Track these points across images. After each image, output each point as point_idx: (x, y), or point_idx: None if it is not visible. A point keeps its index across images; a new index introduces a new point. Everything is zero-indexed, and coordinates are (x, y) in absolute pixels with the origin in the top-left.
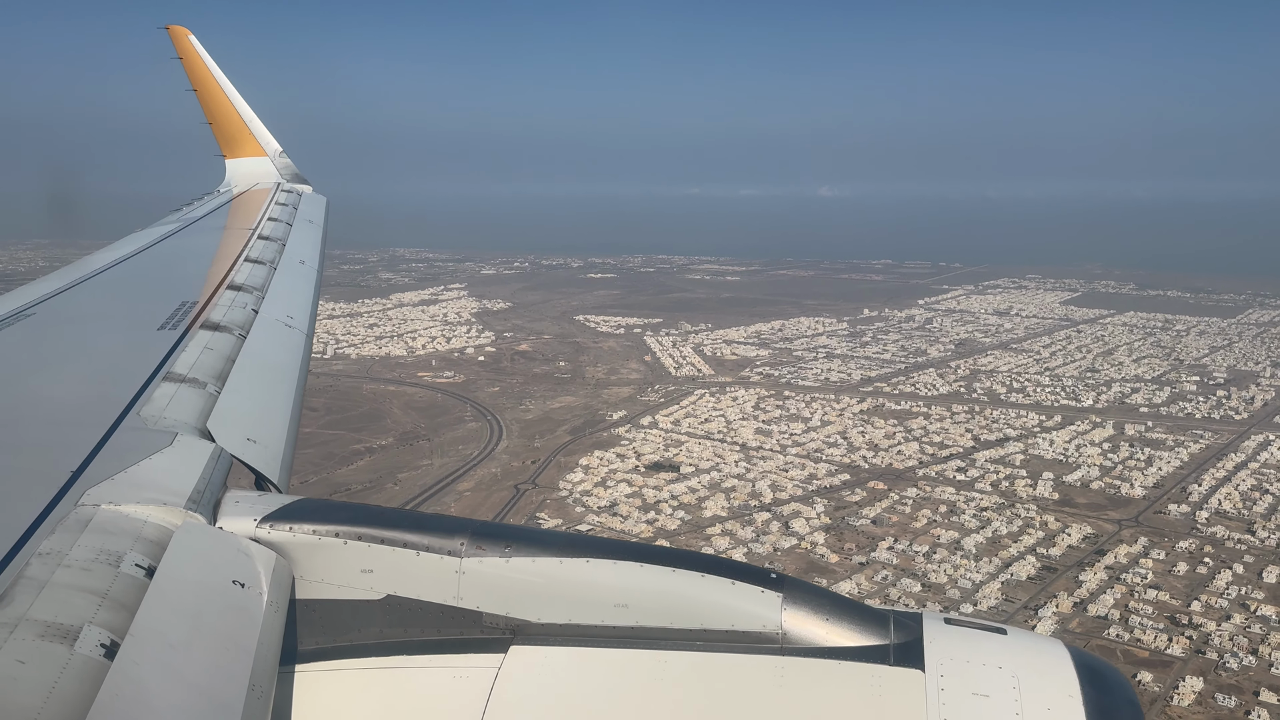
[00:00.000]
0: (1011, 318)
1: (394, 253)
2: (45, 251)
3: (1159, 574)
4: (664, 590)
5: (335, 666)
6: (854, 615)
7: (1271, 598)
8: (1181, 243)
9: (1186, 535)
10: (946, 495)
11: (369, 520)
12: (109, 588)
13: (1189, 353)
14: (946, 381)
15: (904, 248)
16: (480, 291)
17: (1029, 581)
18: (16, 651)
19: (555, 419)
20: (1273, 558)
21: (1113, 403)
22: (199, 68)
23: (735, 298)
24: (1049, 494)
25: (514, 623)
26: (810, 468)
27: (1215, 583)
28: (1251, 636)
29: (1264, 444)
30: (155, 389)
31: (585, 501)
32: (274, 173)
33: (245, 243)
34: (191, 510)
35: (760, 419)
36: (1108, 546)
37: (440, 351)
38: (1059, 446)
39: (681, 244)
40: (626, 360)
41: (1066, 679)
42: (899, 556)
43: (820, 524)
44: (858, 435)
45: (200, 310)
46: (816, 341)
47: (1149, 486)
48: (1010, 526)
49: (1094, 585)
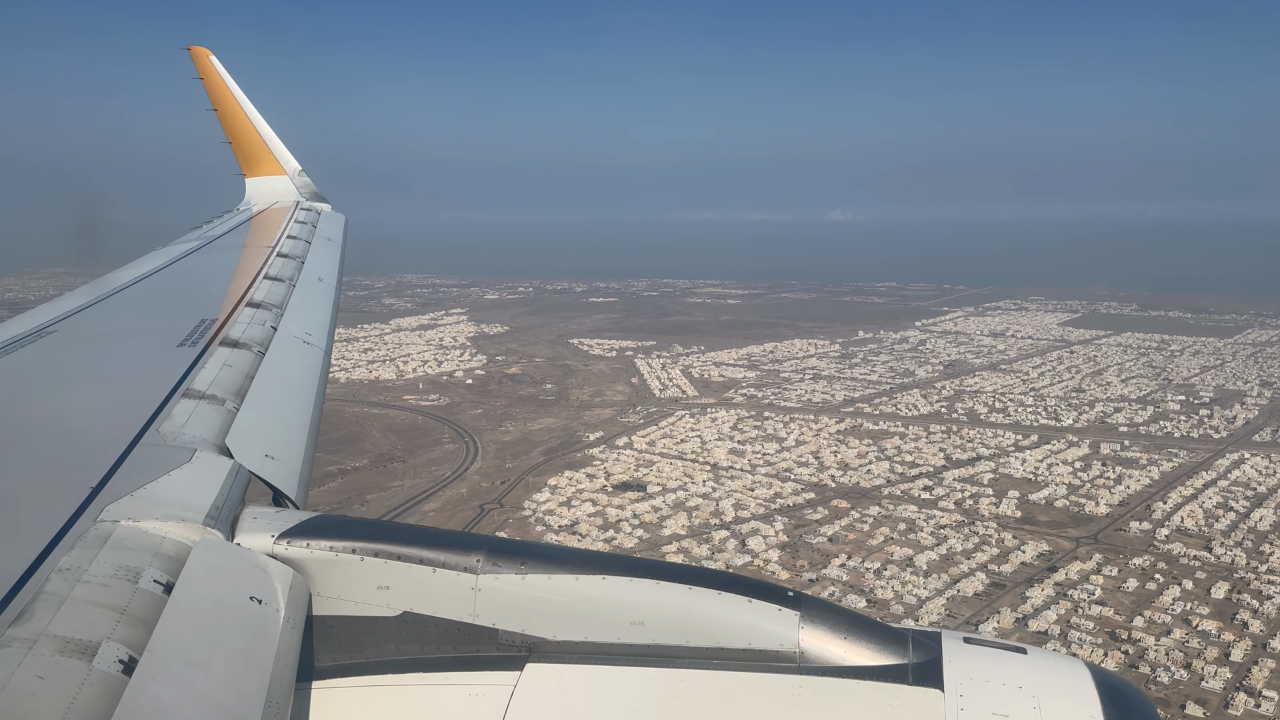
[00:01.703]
0: (1006, 339)
1: (400, 279)
2: (57, 280)
3: (1108, 590)
4: (680, 608)
5: (351, 684)
6: (872, 634)
7: (1216, 613)
8: (1191, 263)
9: (1143, 552)
10: (908, 513)
11: (386, 536)
12: (128, 603)
13: (1179, 373)
14: (929, 402)
15: (909, 270)
16: (480, 316)
17: (975, 597)
18: (35, 667)
19: (533, 440)
20: (1224, 574)
21: (1093, 422)
22: (219, 87)
23: (733, 320)
24: (1011, 512)
25: (530, 640)
26: (777, 487)
27: (1162, 599)
28: (1188, 651)
29: (1237, 462)
30: (175, 405)
31: (547, 520)
32: (293, 191)
33: (264, 260)
34: (210, 526)
35: (736, 439)
36: (1061, 563)
37: (430, 375)
38: (1030, 465)
39: (688, 268)
40: (614, 383)
41: (1088, 699)
42: (849, 573)
43: (777, 542)
44: (830, 455)
45: (220, 327)
46: (806, 363)
47: (1114, 504)
48: (966, 544)
49: (1039, 601)
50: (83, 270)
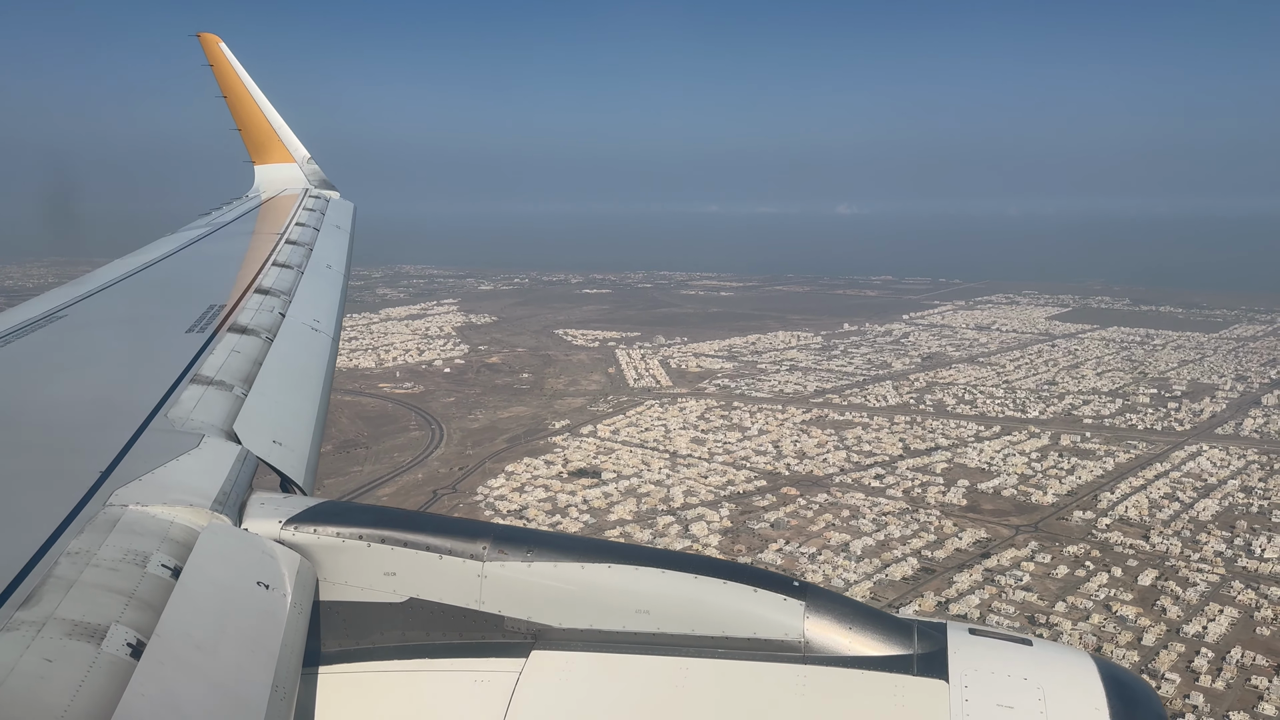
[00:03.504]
0: (990, 332)
1: (398, 269)
2: (57, 269)
3: (1037, 577)
4: (686, 597)
5: (357, 669)
6: (877, 624)
7: (1138, 600)
8: (1191, 258)
9: (1079, 541)
10: (854, 501)
11: (392, 523)
12: (136, 587)
13: (1156, 367)
14: (899, 394)
15: (908, 264)
16: (471, 307)
17: (902, 581)
18: (44, 650)
19: (500, 428)
20: (1156, 562)
21: (1059, 414)
22: (229, 74)
23: (722, 312)
24: (958, 500)
25: (535, 627)
26: (731, 474)
27: (1088, 585)
28: (1102, 635)
29: (1194, 454)
30: (183, 391)
31: (496, 505)
32: (302, 178)
33: (273, 247)
34: (217, 512)
35: (700, 429)
36: (996, 550)
37: (410, 364)
38: (986, 456)
39: (688, 260)
40: (590, 372)
41: (1093, 691)
42: (784, 557)
43: (720, 527)
44: (790, 444)
45: (228, 313)
46: (786, 355)
47: (1061, 494)
48: (905, 530)
49: (965, 586)
50: (85, 259)
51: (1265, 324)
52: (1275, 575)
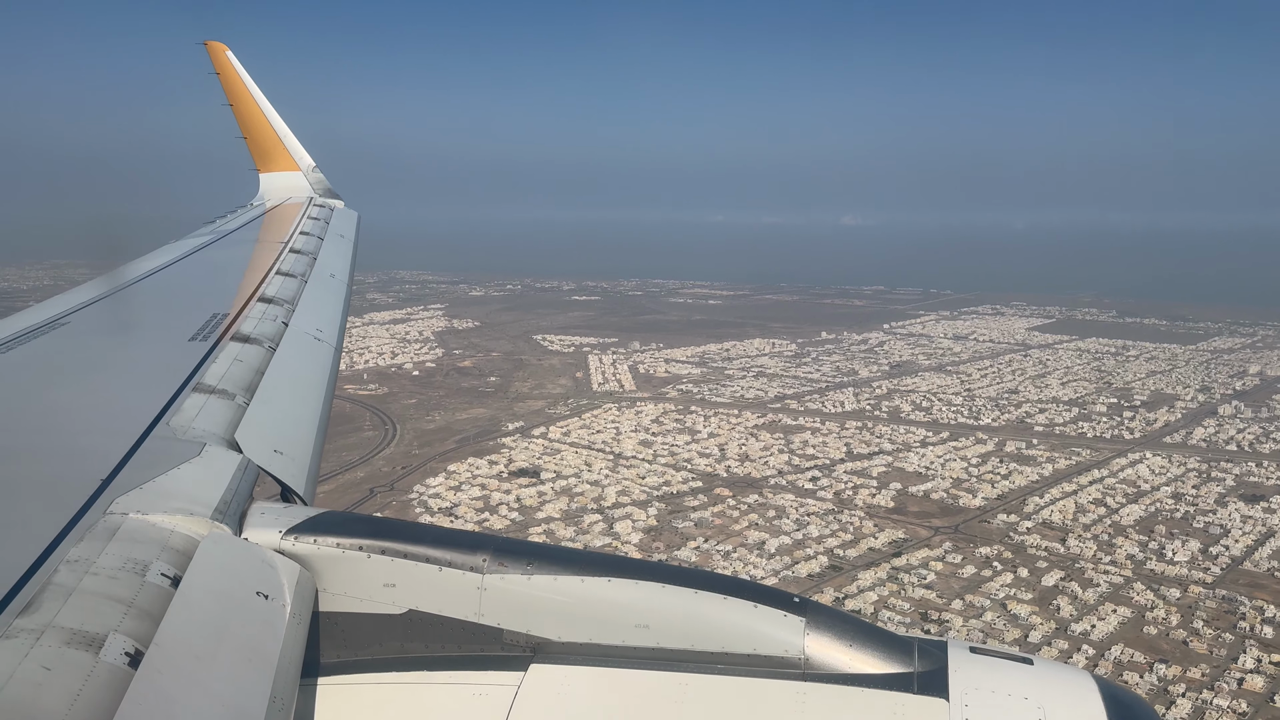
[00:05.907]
0: (967, 342)
1: (392, 274)
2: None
3: (942, 576)
4: (686, 612)
5: (356, 680)
6: (878, 642)
7: (1037, 599)
8: (1184, 271)
9: (995, 543)
10: (783, 501)
11: (392, 534)
12: (135, 596)
13: (1124, 377)
14: (858, 400)
15: (902, 275)
16: (456, 312)
17: (808, 578)
18: (42, 658)
19: (455, 429)
20: (1065, 564)
21: (1012, 422)
22: (235, 83)
23: (705, 320)
24: (885, 502)
25: (534, 641)
26: (669, 475)
27: (989, 585)
28: (990, 632)
29: (1135, 462)
30: (185, 399)
31: (428, 503)
32: (306, 187)
33: (277, 256)
34: (217, 521)
35: (651, 431)
36: (908, 550)
37: (380, 367)
38: (927, 460)
39: (683, 269)
40: (559, 377)
41: (1093, 710)
42: (699, 555)
43: (645, 525)
44: (735, 448)
45: (231, 322)
46: (757, 361)
47: (990, 498)
48: (824, 530)
49: (867, 583)
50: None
51: (1245, 337)
52: (1179, 578)
